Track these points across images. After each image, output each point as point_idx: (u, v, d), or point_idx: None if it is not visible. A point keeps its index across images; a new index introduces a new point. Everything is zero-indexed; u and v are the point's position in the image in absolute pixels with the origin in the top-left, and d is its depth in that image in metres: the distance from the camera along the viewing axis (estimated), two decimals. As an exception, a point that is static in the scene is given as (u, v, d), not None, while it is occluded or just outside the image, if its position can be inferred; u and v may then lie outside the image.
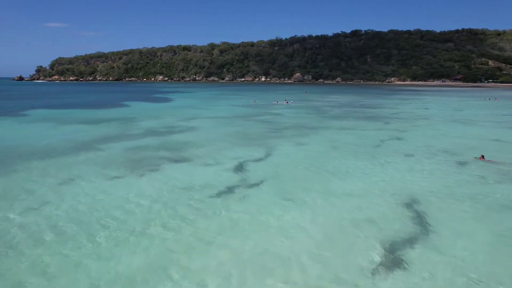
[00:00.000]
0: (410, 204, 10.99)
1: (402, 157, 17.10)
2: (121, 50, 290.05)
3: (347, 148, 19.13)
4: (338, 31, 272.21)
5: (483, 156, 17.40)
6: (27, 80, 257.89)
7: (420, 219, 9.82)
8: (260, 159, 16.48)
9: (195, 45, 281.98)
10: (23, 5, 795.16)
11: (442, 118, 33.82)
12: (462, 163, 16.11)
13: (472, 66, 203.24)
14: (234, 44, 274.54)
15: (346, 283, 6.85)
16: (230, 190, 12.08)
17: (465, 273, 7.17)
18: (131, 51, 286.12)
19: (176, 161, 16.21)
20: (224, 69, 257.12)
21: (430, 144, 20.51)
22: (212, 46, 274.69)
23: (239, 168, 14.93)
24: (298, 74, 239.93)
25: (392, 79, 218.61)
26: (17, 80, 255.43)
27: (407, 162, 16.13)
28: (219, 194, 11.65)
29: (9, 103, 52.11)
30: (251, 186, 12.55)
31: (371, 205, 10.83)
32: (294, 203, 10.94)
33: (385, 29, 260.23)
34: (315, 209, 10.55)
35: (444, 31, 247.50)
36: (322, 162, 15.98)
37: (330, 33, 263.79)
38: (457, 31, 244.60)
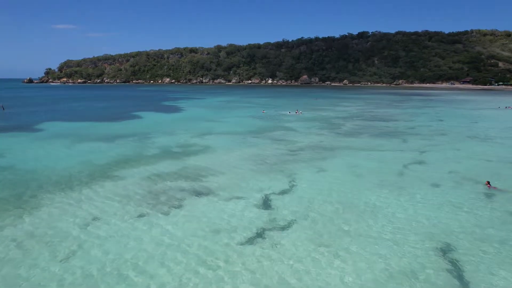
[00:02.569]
0: (444, 252, 10.81)
1: (428, 188, 16.73)
2: (128, 52, 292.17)
3: (370, 176, 18.70)
4: (345, 32, 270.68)
5: (488, 182, 16.92)
6: (37, 83, 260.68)
7: (456, 271, 9.71)
8: (283, 192, 16.14)
9: (202, 47, 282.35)
10: (31, 7, 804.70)
11: (458, 134, 33.19)
12: (488, 195, 15.99)
13: (482, 68, 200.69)
14: (240, 46, 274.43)
15: None
16: (258, 236, 11.74)
17: None
18: (138, 53, 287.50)
19: (196, 194, 15.92)
20: (231, 71, 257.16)
21: (454, 169, 20.10)
22: (219, 48, 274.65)
23: (264, 204, 14.61)
24: (305, 77, 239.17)
25: (400, 81, 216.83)
26: (26, 83, 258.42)
27: (434, 195, 15.79)
28: (247, 242, 11.29)
29: (21, 115, 52.33)
30: (281, 229, 12.21)
31: (405, 254, 10.59)
32: (328, 253, 10.63)
33: (392, 30, 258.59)
34: (349, 260, 10.26)
35: (452, 32, 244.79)
36: (347, 196, 15.61)
37: (337, 35, 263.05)
38: (466, 32, 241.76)
